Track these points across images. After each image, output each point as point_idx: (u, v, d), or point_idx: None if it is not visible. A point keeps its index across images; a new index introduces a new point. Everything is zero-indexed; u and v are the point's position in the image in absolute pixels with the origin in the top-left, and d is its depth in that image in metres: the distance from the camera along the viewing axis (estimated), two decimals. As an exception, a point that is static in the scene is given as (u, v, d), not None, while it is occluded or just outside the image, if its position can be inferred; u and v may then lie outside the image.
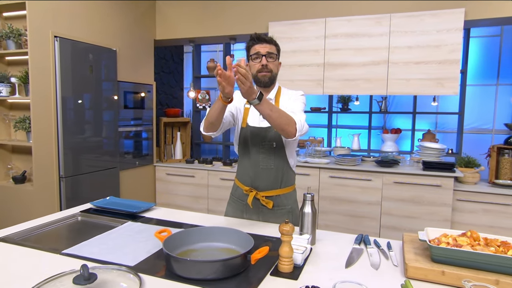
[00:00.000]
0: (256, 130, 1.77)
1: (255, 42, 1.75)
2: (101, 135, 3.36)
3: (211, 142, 4.97)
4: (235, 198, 1.91)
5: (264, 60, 1.71)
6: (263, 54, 1.71)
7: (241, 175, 1.86)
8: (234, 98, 1.68)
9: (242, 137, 1.82)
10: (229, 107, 1.75)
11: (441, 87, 3.05)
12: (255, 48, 1.74)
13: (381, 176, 3.22)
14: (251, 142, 1.78)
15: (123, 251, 1.39)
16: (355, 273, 1.26)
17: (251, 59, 1.76)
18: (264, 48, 1.73)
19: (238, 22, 3.75)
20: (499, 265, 1.13)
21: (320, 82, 3.43)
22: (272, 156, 1.77)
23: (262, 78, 1.73)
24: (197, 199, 4.02)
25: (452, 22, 2.96)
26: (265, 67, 1.71)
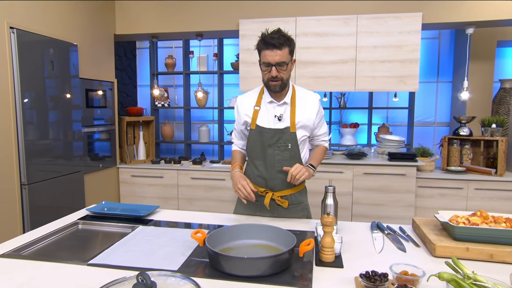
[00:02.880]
0: (271, 131, 1.74)
1: (264, 47, 1.64)
2: (64, 136, 3.09)
3: (171, 141, 4.83)
4: None
5: (274, 72, 1.63)
6: (272, 64, 1.63)
7: (254, 176, 1.82)
8: (242, 106, 1.83)
9: (251, 138, 1.79)
10: (240, 122, 1.84)
11: (403, 84, 3.34)
12: (265, 55, 1.64)
13: (352, 168, 3.43)
14: (265, 144, 1.75)
15: (156, 257, 1.34)
16: (389, 257, 1.36)
17: (263, 65, 1.68)
18: (274, 57, 1.62)
19: (206, 18, 3.69)
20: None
21: (291, 79, 3.53)
22: (288, 157, 1.76)
23: (273, 87, 1.69)
24: (166, 200, 3.89)
25: (412, 24, 3.25)
26: (275, 77, 1.65)
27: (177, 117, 5.18)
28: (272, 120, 1.76)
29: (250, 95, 1.85)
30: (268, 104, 1.77)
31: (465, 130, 3.51)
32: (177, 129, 5.04)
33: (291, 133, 1.74)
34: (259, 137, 1.76)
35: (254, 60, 3.58)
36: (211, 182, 3.78)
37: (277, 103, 1.76)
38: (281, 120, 1.75)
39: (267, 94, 1.78)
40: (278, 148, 1.75)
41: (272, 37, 1.62)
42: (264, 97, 1.79)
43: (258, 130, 1.76)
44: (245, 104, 1.82)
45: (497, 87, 4.12)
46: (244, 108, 1.81)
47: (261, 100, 1.79)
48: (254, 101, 1.80)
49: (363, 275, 1.11)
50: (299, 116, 1.75)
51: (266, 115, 1.77)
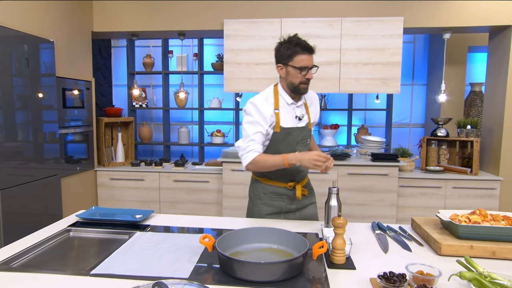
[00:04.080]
0: (295, 130, 1.84)
1: (301, 51, 1.72)
2: (40, 138, 2.91)
3: (149, 142, 4.69)
4: (272, 196, 1.89)
5: (311, 75, 1.75)
6: (309, 68, 1.73)
7: (278, 175, 1.86)
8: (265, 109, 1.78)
9: (275, 140, 1.82)
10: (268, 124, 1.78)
11: (386, 86, 3.42)
12: (303, 59, 1.72)
13: (336, 169, 3.47)
14: (292, 143, 1.84)
15: (162, 264, 1.28)
16: (396, 257, 1.38)
17: (295, 68, 1.73)
18: (310, 61, 1.74)
19: (188, 17, 3.61)
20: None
21: (276, 80, 3.50)
22: (307, 151, 1.90)
23: (303, 90, 1.78)
24: (147, 203, 3.77)
25: (394, 28, 3.34)
26: (308, 80, 1.76)
27: (154, 118, 5.05)
28: (294, 120, 1.84)
29: (266, 98, 1.83)
30: (288, 105, 1.84)
31: (442, 131, 3.64)
32: (155, 130, 4.91)
33: (309, 129, 1.91)
34: (285, 138, 1.82)
35: (239, 61, 3.55)
36: (194, 185, 3.71)
37: (297, 104, 1.85)
38: (301, 119, 1.86)
39: (287, 96, 1.83)
40: (302, 145, 1.88)
41: (307, 43, 1.75)
42: (282, 99, 1.83)
43: (284, 131, 1.81)
44: (266, 107, 1.78)
45: (469, 90, 4.32)
46: (269, 111, 1.78)
47: (279, 103, 1.82)
48: (273, 104, 1.81)
49: (382, 277, 1.11)
50: (312, 114, 1.94)
51: (287, 117, 1.83)
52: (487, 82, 3.69)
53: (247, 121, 1.80)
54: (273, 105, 1.80)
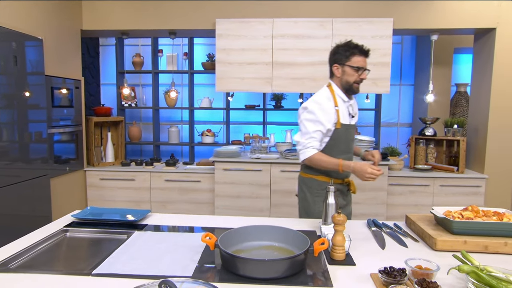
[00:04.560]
0: (350, 127, 2.00)
1: (359, 53, 1.90)
2: (28, 138, 2.86)
3: (138, 142, 4.65)
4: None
5: (365, 75, 1.92)
6: (365, 69, 1.91)
7: (336, 171, 1.91)
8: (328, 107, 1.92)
9: (336, 137, 1.95)
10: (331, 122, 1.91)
11: (376, 86, 3.48)
12: (359, 60, 1.90)
13: (327, 168, 3.51)
14: (346, 139, 1.98)
15: (164, 263, 1.28)
16: (394, 252, 1.41)
17: (352, 68, 1.90)
18: (365, 63, 1.92)
19: (180, 16, 3.59)
20: (506, 230, 1.41)
21: (268, 80, 3.55)
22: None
23: (356, 89, 1.95)
24: (138, 203, 3.73)
25: (384, 29, 3.40)
26: (362, 80, 1.93)
27: (143, 117, 5.00)
28: (348, 118, 1.99)
29: (327, 96, 1.96)
30: (344, 103, 1.98)
31: (430, 130, 3.73)
32: (144, 130, 4.86)
33: (355, 126, 2.09)
34: (345, 133, 1.96)
35: (231, 61, 3.55)
36: (186, 184, 3.69)
37: (350, 103, 2.00)
38: (353, 117, 2.03)
39: (343, 95, 1.97)
40: (353, 140, 2.06)
41: (364, 47, 1.94)
42: (338, 97, 1.97)
43: (344, 127, 1.95)
44: (329, 105, 1.93)
45: (454, 91, 4.43)
46: (332, 108, 1.92)
47: (336, 100, 1.95)
48: (332, 102, 1.95)
49: (383, 271, 1.14)
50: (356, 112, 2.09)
51: (344, 114, 1.97)
52: (473, 83, 3.79)
53: (309, 119, 1.91)
54: (333, 103, 1.94)
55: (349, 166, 1.81)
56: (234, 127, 4.87)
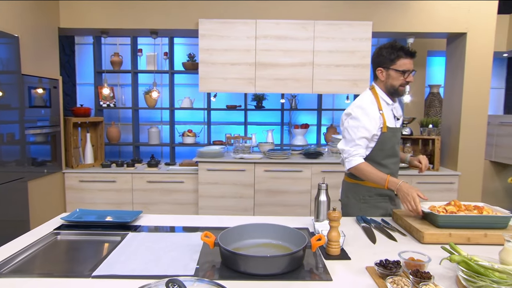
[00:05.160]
0: (396, 130, 1.96)
1: (404, 56, 1.83)
2: (3, 140, 2.75)
3: (118, 143, 4.56)
4: (378, 198, 1.95)
5: (411, 78, 1.85)
6: (411, 71, 1.85)
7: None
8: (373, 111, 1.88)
9: (382, 141, 1.91)
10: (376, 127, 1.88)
11: (356, 87, 3.59)
12: (405, 63, 1.83)
13: (310, 167, 3.59)
14: (393, 143, 1.93)
15: (164, 263, 1.28)
16: (385, 246, 1.48)
17: (397, 72, 1.84)
18: (411, 65, 1.85)
19: (162, 15, 3.56)
20: (487, 222, 1.51)
21: (252, 81, 3.58)
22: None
23: (401, 92, 1.90)
24: (120, 205, 3.67)
25: (363, 32, 3.51)
26: (408, 83, 1.87)
27: (122, 118, 4.91)
28: (394, 120, 1.96)
29: (370, 101, 1.92)
30: (388, 106, 1.95)
31: (406, 130, 3.88)
32: (123, 130, 4.77)
33: (400, 130, 2.03)
34: (391, 137, 1.92)
35: (214, 61, 3.56)
36: (169, 185, 3.66)
37: (393, 105, 1.97)
38: (399, 120, 2.00)
39: (387, 98, 1.93)
40: (398, 144, 2.01)
41: (409, 48, 1.86)
42: (382, 101, 1.93)
43: (390, 131, 1.91)
44: (374, 110, 1.89)
45: (428, 92, 4.63)
46: (377, 113, 1.89)
47: (380, 104, 1.92)
48: (377, 106, 1.91)
49: (379, 264, 1.19)
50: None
51: (389, 117, 1.93)
52: (446, 85, 3.97)
53: (353, 126, 1.87)
54: (378, 107, 1.90)
55: (396, 184, 1.72)
56: (215, 127, 4.87)
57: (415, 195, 1.63)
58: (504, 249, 1.22)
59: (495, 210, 1.61)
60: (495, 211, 1.60)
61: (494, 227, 1.52)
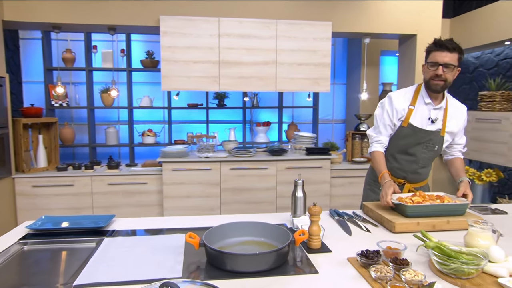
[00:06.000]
0: (422, 132, 1.89)
1: (434, 48, 1.78)
2: None
3: (72, 145, 4.32)
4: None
5: (440, 70, 1.76)
6: (440, 64, 1.76)
7: (393, 168, 1.99)
8: (398, 102, 1.92)
9: (399, 135, 1.93)
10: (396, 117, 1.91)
11: (317, 85, 3.70)
12: (434, 55, 1.78)
13: (275, 164, 3.65)
14: (415, 142, 1.91)
15: (150, 267, 1.25)
16: (360, 237, 1.55)
17: (427, 64, 1.82)
18: (443, 58, 1.75)
19: (122, 11, 3.41)
20: (449, 210, 1.64)
21: (216, 79, 3.55)
22: (431, 156, 1.95)
23: (433, 86, 1.82)
24: (78, 210, 3.48)
25: (323, 32, 3.62)
26: (439, 76, 1.78)
27: (75, 118, 4.65)
28: (426, 121, 1.90)
29: (405, 93, 1.95)
30: (425, 105, 1.90)
31: (364, 126, 4.07)
32: (77, 131, 4.52)
33: (441, 136, 1.91)
34: (410, 135, 1.90)
35: (177, 59, 3.49)
36: (131, 187, 3.54)
37: (434, 106, 1.89)
38: (434, 123, 1.89)
39: (426, 95, 1.89)
40: (426, 148, 1.92)
41: (446, 41, 1.78)
42: (420, 98, 1.91)
43: (410, 128, 1.90)
44: (401, 101, 1.91)
45: (381, 89, 4.89)
46: (403, 105, 1.91)
47: (417, 100, 1.91)
48: (410, 100, 1.91)
49: (361, 255, 1.26)
50: (450, 122, 1.92)
51: (420, 116, 1.90)
52: (399, 83, 4.23)
53: (379, 113, 1.98)
54: (410, 101, 1.91)
55: (383, 181, 1.83)
56: (176, 127, 4.78)
57: (388, 191, 1.73)
58: (468, 233, 1.34)
59: (454, 198, 1.76)
60: (454, 200, 1.74)
61: (455, 214, 1.66)
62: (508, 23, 3.96)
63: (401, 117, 1.92)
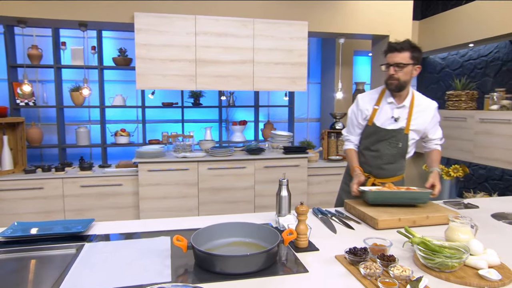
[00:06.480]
0: (383, 130, 2.00)
1: (386, 51, 1.93)
2: None
3: (40, 145, 4.13)
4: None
5: (392, 70, 1.89)
6: (391, 64, 1.89)
7: (361, 163, 2.10)
8: (363, 102, 2.07)
9: (365, 133, 2.07)
10: (361, 117, 2.06)
11: (294, 84, 3.72)
12: (387, 57, 1.93)
13: (253, 163, 3.64)
14: (378, 139, 2.02)
15: (136, 271, 1.21)
16: (345, 235, 1.58)
17: (383, 67, 1.95)
18: (393, 58, 1.88)
19: (94, 6, 3.27)
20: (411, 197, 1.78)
21: (192, 78, 3.50)
22: (395, 153, 2.03)
23: (389, 86, 1.96)
24: (49, 214, 3.32)
25: (300, 32, 3.65)
26: (392, 76, 1.90)
27: (42, 117, 4.45)
28: (389, 120, 2.00)
29: (372, 94, 2.08)
30: (388, 104, 2.01)
31: (339, 124, 4.15)
32: (45, 131, 4.32)
33: (404, 134, 2.00)
34: (374, 133, 2.03)
35: (152, 57, 3.41)
36: (106, 189, 3.43)
37: (397, 105, 1.99)
38: (397, 121, 1.99)
39: (389, 95, 2.01)
40: (389, 145, 2.02)
41: (396, 42, 1.92)
42: (384, 98, 2.02)
43: (374, 127, 2.02)
44: (366, 102, 2.06)
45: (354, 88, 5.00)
46: (367, 105, 2.04)
47: (381, 100, 2.02)
48: (375, 100, 2.04)
49: (349, 252, 1.28)
50: (414, 121, 2.00)
51: (384, 115, 2.01)
52: (372, 82, 4.34)
53: (349, 114, 2.15)
54: (375, 102, 2.03)
55: (353, 175, 2.00)
56: (150, 126, 4.67)
57: (354, 180, 1.93)
58: (449, 228, 1.39)
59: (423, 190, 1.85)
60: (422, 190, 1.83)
61: (417, 202, 1.79)
62: (471, 27, 4.16)
63: (366, 117, 2.06)
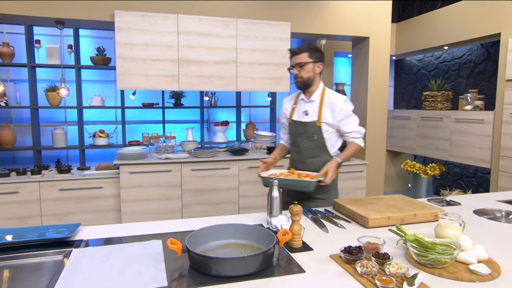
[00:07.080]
0: (298, 124, 2.17)
1: (290, 56, 2.14)
2: None
3: (13, 148, 3.96)
4: None
5: (295, 70, 2.10)
6: (293, 66, 2.10)
7: (291, 160, 2.29)
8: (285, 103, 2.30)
9: (289, 130, 2.26)
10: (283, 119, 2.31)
11: (278, 85, 3.73)
12: (292, 61, 2.12)
13: (237, 164, 3.62)
14: (296, 134, 2.19)
15: (131, 276, 1.18)
16: (337, 234, 1.59)
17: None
18: (294, 60, 2.10)
19: (71, 3, 3.15)
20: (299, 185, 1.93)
21: (175, 78, 3.44)
22: (314, 146, 2.15)
23: (296, 84, 2.14)
24: (25, 219, 3.18)
25: (283, 32, 3.66)
26: (296, 76, 2.11)
27: (15, 118, 4.27)
28: (302, 114, 2.17)
29: (292, 95, 2.29)
30: (301, 101, 2.20)
31: (321, 124, 4.19)
32: (18, 133, 4.14)
33: (317, 127, 2.12)
34: (293, 128, 2.20)
35: (134, 56, 3.33)
36: (85, 192, 3.32)
37: (306, 101, 2.17)
38: (308, 115, 2.14)
39: (302, 93, 2.20)
40: (307, 138, 2.15)
41: (296, 47, 2.12)
42: (300, 97, 2.21)
43: (292, 123, 2.21)
44: (287, 102, 2.29)
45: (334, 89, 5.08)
46: (286, 105, 2.28)
47: (298, 99, 2.22)
48: (294, 100, 2.24)
49: (344, 251, 1.29)
50: (324, 114, 2.11)
51: (298, 111, 2.19)
52: (352, 83, 4.41)
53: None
54: (294, 101, 2.24)
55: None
56: (130, 127, 4.57)
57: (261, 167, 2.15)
58: (439, 225, 1.43)
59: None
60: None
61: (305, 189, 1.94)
62: (446, 30, 4.31)
63: (287, 116, 2.27)
